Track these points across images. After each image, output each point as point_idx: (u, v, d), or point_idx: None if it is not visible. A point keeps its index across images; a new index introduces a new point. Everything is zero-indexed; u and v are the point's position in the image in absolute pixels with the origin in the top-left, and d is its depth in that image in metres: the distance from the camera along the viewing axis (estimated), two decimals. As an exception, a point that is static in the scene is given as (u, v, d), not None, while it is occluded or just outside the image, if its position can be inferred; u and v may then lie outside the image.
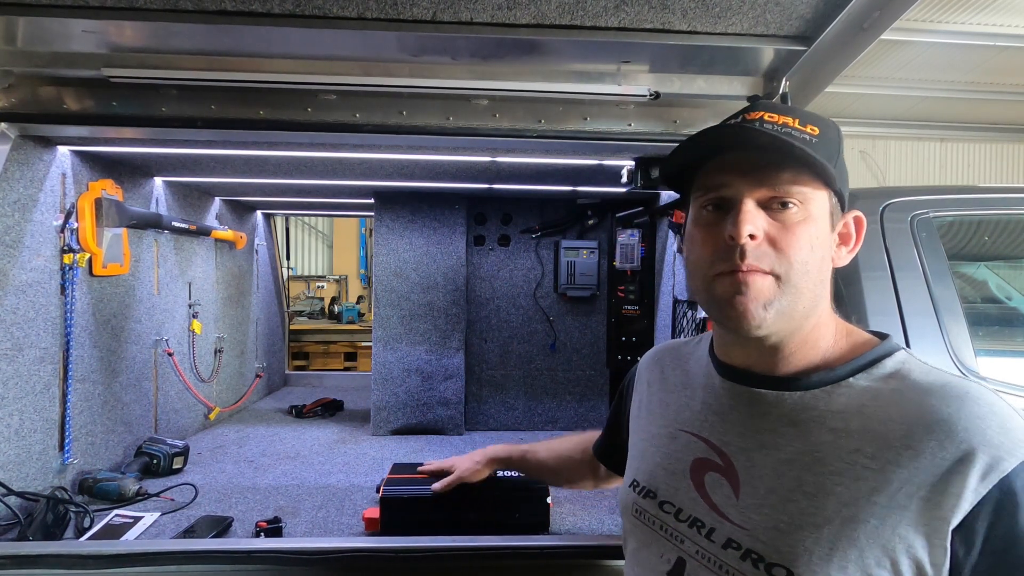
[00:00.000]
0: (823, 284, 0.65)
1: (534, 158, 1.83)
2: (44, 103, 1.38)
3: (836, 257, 0.67)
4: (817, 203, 0.63)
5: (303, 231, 7.84)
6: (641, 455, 0.79)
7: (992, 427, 0.54)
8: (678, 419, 0.75)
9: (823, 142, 0.63)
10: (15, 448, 1.47)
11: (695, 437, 0.70)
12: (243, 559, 1.16)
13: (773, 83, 1.36)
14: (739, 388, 0.69)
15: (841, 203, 0.67)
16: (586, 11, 1.14)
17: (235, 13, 1.13)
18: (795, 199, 0.62)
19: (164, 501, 1.70)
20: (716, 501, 0.65)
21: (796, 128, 0.63)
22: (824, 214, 0.64)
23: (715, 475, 0.66)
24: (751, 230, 0.61)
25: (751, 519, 0.61)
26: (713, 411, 0.70)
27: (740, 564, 0.60)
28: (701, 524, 0.65)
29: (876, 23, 1.13)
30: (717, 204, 0.65)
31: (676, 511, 0.68)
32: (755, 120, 0.64)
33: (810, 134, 0.63)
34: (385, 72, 1.34)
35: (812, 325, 0.65)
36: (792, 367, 0.66)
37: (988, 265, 1.57)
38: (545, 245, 2.81)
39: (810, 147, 0.61)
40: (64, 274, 1.64)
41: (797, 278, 0.62)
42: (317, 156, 1.83)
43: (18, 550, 1.15)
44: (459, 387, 2.59)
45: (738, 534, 0.61)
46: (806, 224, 0.62)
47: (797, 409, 0.63)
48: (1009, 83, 4.63)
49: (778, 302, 0.62)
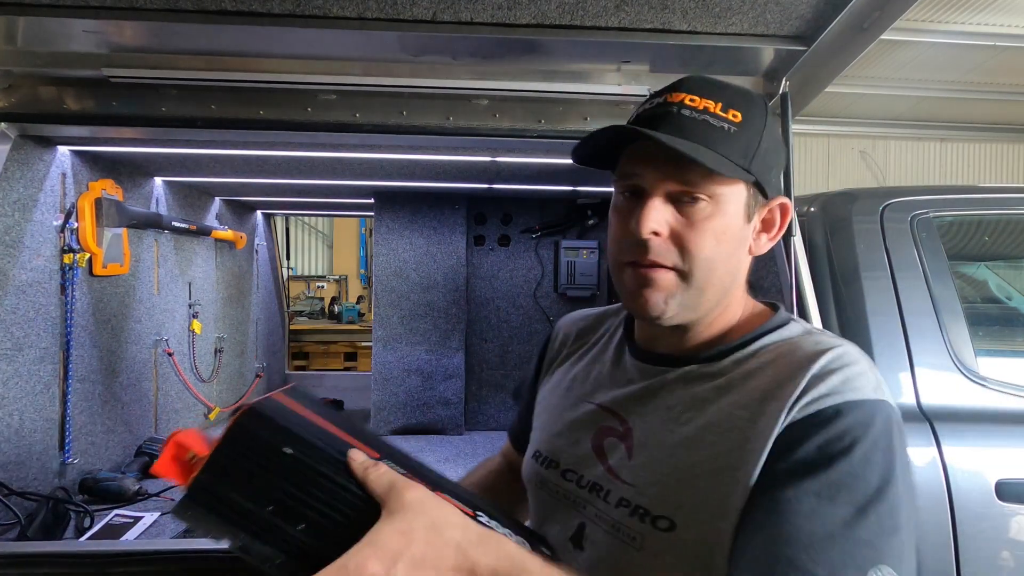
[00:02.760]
0: (732, 275, 0.66)
1: (534, 158, 1.83)
2: (44, 103, 1.38)
3: (755, 245, 0.67)
4: (730, 197, 0.62)
5: (303, 231, 7.84)
6: (544, 426, 0.79)
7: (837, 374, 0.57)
8: (583, 390, 0.76)
9: (744, 129, 0.62)
10: (15, 448, 1.47)
11: (599, 407, 0.72)
12: (243, 559, 1.16)
13: (773, 83, 1.36)
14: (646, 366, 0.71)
15: (764, 190, 0.65)
16: (586, 11, 1.14)
17: (235, 13, 1.13)
18: (704, 195, 0.61)
19: (164, 501, 1.70)
20: (612, 464, 0.67)
21: (716, 114, 0.61)
22: (738, 207, 0.63)
23: (613, 439, 0.68)
24: (654, 227, 0.61)
25: (640, 476, 0.64)
26: (618, 383, 0.72)
27: (630, 520, 0.62)
28: (599, 488, 0.67)
29: (876, 23, 1.13)
30: (632, 191, 0.65)
31: (578, 478, 0.70)
32: (674, 104, 0.63)
33: (730, 121, 0.61)
34: (385, 72, 1.34)
35: (720, 311, 0.68)
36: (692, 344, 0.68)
37: (988, 265, 1.57)
38: (545, 245, 2.81)
39: (725, 139, 0.60)
40: (64, 274, 1.64)
41: (700, 274, 0.62)
42: (317, 156, 1.83)
43: (18, 550, 1.15)
44: (459, 387, 2.59)
45: (628, 492, 0.64)
46: (714, 220, 0.62)
47: (692, 375, 0.66)
48: (1009, 83, 4.63)
49: (680, 296, 0.63)
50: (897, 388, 1.23)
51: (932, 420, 1.18)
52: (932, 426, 1.17)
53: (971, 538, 1.12)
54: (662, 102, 0.64)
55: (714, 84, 0.65)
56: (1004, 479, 1.14)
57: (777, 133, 0.66)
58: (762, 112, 0.64)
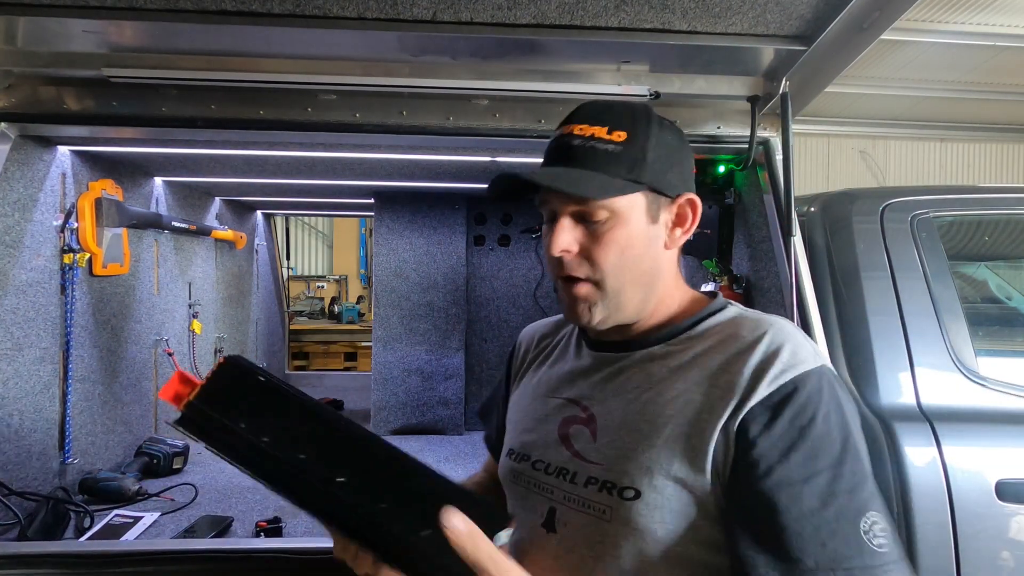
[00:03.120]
0: (650, 273, 0.73)
1: (534, 158, 1.83)
2: (44, 103, 1.38)
3: (669, 241, 0.75)
4: (628, 207, 0.70)
5: (303, 231, 7.84)
6: (515, 427, 0.86)
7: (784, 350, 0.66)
8: (549, 387, 0.83)
9: (628, 146, 0.70)
10: (15, 448, 1.47)
11: (564, 400, 0.79)
12: (243, 559, 1.16)
13: (773, 83, 1.36)
14: (601, 354, 0.78)
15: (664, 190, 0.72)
16: (586, 11, 1.14)
17: (235, 13, 1.13)
18: (604, 211, 0.69)
19: (164, 501, 1.70)
20: (578, 448, 0.73)
21: (603, 138, 0.70)
22: (639, 214, 0.71)
23: (578, 426, 0.75)
24: (563, 246, 0.70)
25: (605, 454, 0.70)
26: (580, 375, 0.79)
27: (598, 496, 0.68)
28: (566, 471, 0.73)
29: (876, 23, 1.13)
30: (550, 217, 0.74)
31: (545, 466, 0.76)
32: (567, 136, 0.72)
33: (615, 142, 0.70)
34: (385, 72, 1.34)
35: (655, 304, 0.75)
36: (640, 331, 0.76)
37: (988, 265, 1.57)
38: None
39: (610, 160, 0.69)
40: (64, 274, 1.64)
41: (612, 281, 0.71)
42: (317, 156, 1.83)
43: (18, 550, 1.15)
44: (459, 387, 2.59)
45: (595, 470, 0.70)
46: (616, 231, 0.70)
47: (645, 359, 0.74)
48: (1009, 83, 4.63)
49: (601, 303, 0.72)
50: (897, 388, 1.23)
51: (932, 420, 1.18)
52: (932, 426, 1.17)
53: (971, 538, 1.12)
54: (559, 135, 0.74)
55: (602, 108, 0.73)
56: (1004, 479, 1.14)
57: (667, 138, 0.73)
58: (645, 123, 0.72)
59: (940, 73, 4.44)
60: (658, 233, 0.74)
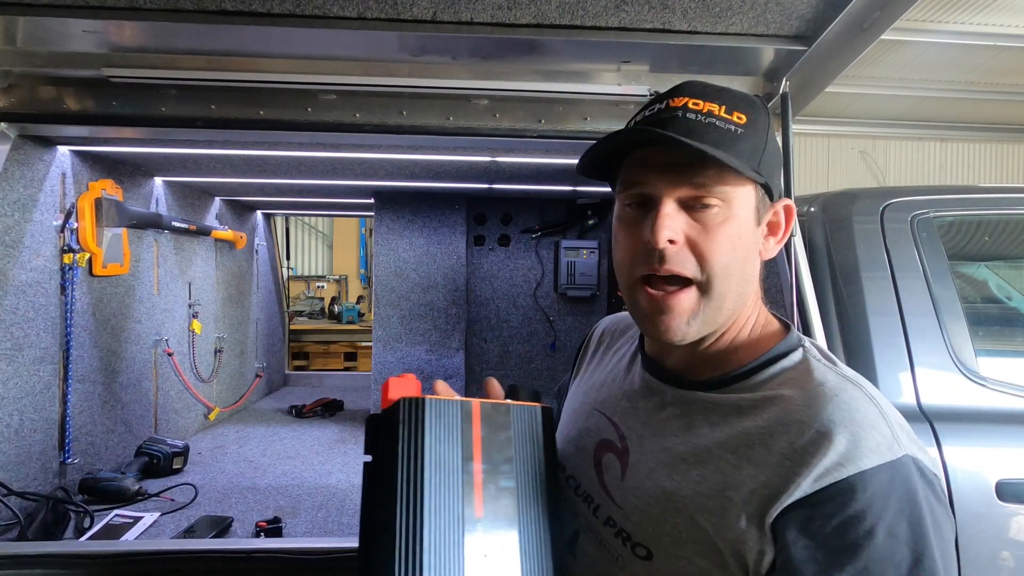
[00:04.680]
0: (747, 282, 0.63)
1: (534, 158, 1.83)
2: (44, 103, 1.38)
3: (764, 250, 0.65)
4: (741, 200, 0.60)
5: (303, 231, 7.83)
6: (563, 426, 0.81)
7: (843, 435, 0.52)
8: (598, 398, 0.76)
9: (750, 131, 0.60)
10: (15, 448, 1.47)
11: (607, 419, 0.72)
12: (243, 559, 1.16)
13: (773, 83, 1.36)
14: (652, 380, 0.70)
15: (769, 192, 0.63)
16: (586, 11, 1.14)
17: (235, 13, 1.13)
18: (717, 199, 0.59)
19: (164, 501, 1.70)
20: (606, 480, 0.67)
21: (721, 116, 0.60)
22: (749, 210, 0.61)
23: (611, 455, 0.68)
24: (670, 235, 0.58)
25: (628, 501, 0.63)
26: (628, 397, 0.72)
27: (614, 540, 0.63)
28: (591, 500, 0.68)
29: (876, 23, 1.13)
30: (639, 202, 0.62)
31: (576, 485, 0.71)
32: (678, 108, 0.61)
33: (736, 123, 0.60)
34: (385, 72, 1.34)
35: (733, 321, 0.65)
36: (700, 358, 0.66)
37: (988, 265, 1.57)
38: (545, 245, 2.81)
39: (734, 141, 0.59)
40: (64, 274, 1.64)
41: (719, 283, 0.60)
42: (317, 156, 1.83)
43: (18, 550, 1.15)
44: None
45: (616, 513, 0.64)
46: (728, 224, 0.60)
47: (689, 404, 0.64)
48: (1009, 83, 4.63)
49: (702, 314, 0.61)
50: (897, 388, 1.23)
51: (932, 420, 1.18)
52: (932, 426, 1.17)
53: (971, 538, 1.12)
54: (664, 107, 0.62)
55: (714, 88, 0.63)
56: (1004, 479, 1.14)
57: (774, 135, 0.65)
58: (765, 114, 0.63)
59: (940, 73, 4.44)
60: (758, 238, 0.63)
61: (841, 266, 1.36)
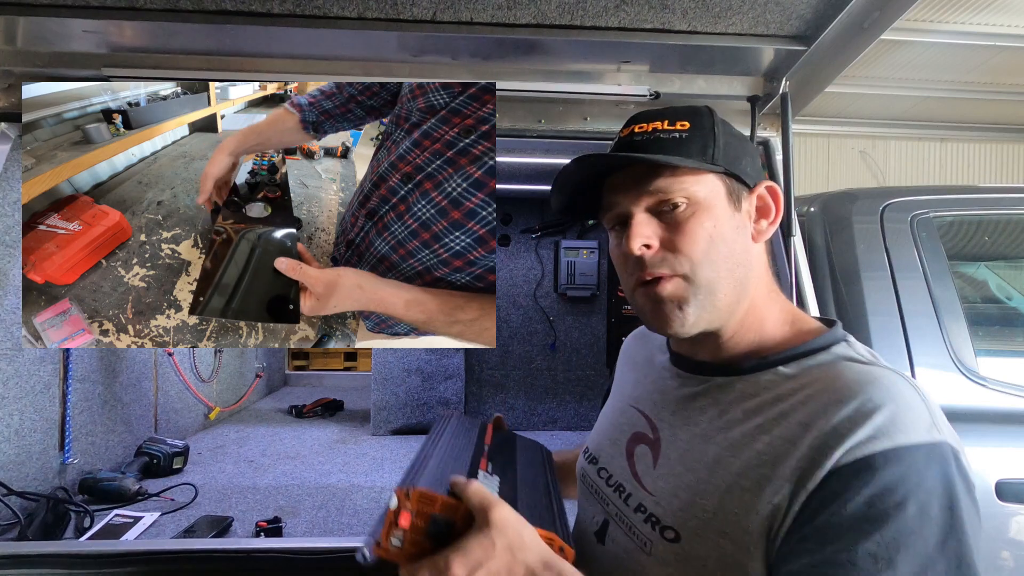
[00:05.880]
0: (740, 265, 0.66)
1: (534, 158, 1.83)
2: (44, 103, 1.38)
3: (756, 233, 0.68)
4: (706, 191, 0.65)
5: (303, 231, 7.83)
6: (597, 427, 0.85)
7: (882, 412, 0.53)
8: (632, 395, 0.80)
9: (695, 133, 0.66)
10: (15, 448, 1.47)
11: (639, 412, 0.76)
12: (243, 559, 1.16)
13: (773, 83, 1.36)
14: (683, 373, 0.73)
15: (743, 179, 0.67)
16: (586, 11, 1.14)
17: (235, 13, 1.13)
18: (680, 197, 0.64)
19: (164, 501, 1.70)
20: (638, 469, 0.70)
21: (665, 129, 0.66)
22: (719, 199, 0.65)
23: (643, 446, 0.71)
24: (643, 241, 0.64)
25: (659, 487, 0.66)
26: (659, 390, 0.75)
27: (643, 526, 0.65)
28: (622, 489, 0.71)
29: (876, 23, 1.13)
30: (619, 222, 0.68)
31: (608, 476, 0.74)
32: (628, 135, 0.68)
33: (680, 130, 0.66)
34: (385, 72, 1.34)
35: (745, 309, 0.67)
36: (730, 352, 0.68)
37: (988, 265, 1.57)
38: (545, 245, 2.81)
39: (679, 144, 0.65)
40: (64, 274, 1.64)
41: (703, 271, 0.63)
42: (317, 156, 1.83)
43: (18, 550, 1.15)
44: (459, 387, 2.59)
45: (647, 500, 0.66)
46: (698, 216, 0.64)
47: (724, 389, 0.66)
48: (1009, 83, 4.63)
49: (694, 301, 0.64)
50: (897, 388, 1.23)
51: (932, 420, 1.18)
52: (932, 426, 1.16)
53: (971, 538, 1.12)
54: (617, 140, 0.69)
55: (657, 110, 0.69)
56: (1004, 479, 1.14)
57: (732, 129, 0.69)
58: (708, 116, 0.68)
59: (940, 73, 4.44)
60: (743, 222, 0.67)
61: (841, 266, 1.36)
